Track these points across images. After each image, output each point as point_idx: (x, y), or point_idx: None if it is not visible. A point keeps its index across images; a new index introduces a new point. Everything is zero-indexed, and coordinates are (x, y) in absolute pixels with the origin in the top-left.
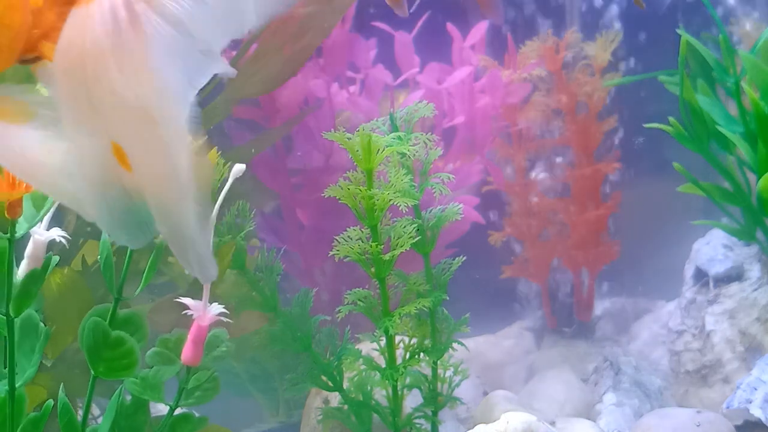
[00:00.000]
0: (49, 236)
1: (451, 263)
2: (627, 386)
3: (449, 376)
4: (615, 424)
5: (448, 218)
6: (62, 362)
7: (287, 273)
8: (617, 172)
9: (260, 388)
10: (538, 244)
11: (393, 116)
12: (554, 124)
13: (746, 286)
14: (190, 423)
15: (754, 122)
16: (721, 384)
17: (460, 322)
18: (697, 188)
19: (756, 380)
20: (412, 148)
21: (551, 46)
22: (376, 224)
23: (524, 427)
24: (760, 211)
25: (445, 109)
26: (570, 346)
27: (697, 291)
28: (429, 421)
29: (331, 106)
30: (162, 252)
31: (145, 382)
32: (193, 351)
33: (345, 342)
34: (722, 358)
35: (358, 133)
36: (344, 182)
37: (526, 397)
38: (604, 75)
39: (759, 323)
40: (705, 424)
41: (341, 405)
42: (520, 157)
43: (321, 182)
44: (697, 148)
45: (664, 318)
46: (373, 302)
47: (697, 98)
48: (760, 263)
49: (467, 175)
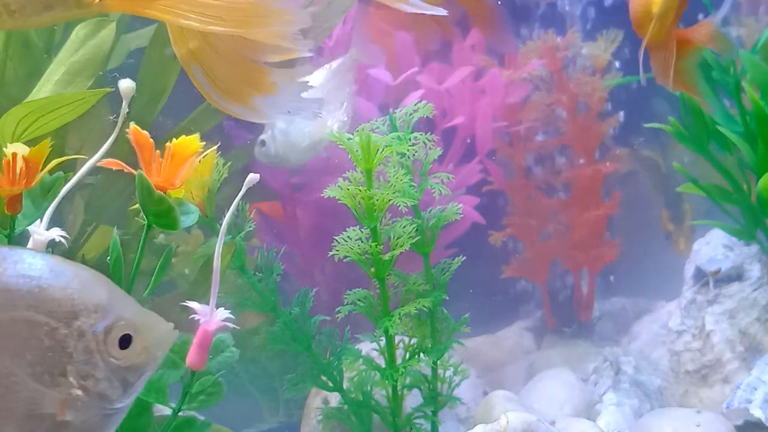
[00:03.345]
0: (48, 236)
1: (450, 263)
2: (627, 386)
3: (449, 376)
4: (615, 424)
5: (447, 218)
6: None
7: (287, 273)
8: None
9: (260, 388)
10: (538, 244)
11: (392, 116)
12: (554, 124)
13: (746, 286)
14: (193, 427)
15: (754, 122)
16: (721, 384)
17: (460, 322)
18: (697, 188)
19: (756, 380)
20: (411, 148)
21: (551, 46)
22: (376, 224)
23: (524, 427)
24: (760, 211)
25: (445, 108)
26: (570, 346)
27: (697, 291)
28: (429, 421)
29: None
30: (171, 254)
31: (150, 385)
32: (198, 355)
33: (345, 342)
34: (722, 358)
35: (357, 133)
36: (344, 182)
37: (526, 397)
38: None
39: (759, 323)
40: (705, 424)
41: (341, 405)
42: (520, 157)
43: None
44: (697, 148)
45: (664, 318)
46: (373, 302)
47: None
48: (760, 263)
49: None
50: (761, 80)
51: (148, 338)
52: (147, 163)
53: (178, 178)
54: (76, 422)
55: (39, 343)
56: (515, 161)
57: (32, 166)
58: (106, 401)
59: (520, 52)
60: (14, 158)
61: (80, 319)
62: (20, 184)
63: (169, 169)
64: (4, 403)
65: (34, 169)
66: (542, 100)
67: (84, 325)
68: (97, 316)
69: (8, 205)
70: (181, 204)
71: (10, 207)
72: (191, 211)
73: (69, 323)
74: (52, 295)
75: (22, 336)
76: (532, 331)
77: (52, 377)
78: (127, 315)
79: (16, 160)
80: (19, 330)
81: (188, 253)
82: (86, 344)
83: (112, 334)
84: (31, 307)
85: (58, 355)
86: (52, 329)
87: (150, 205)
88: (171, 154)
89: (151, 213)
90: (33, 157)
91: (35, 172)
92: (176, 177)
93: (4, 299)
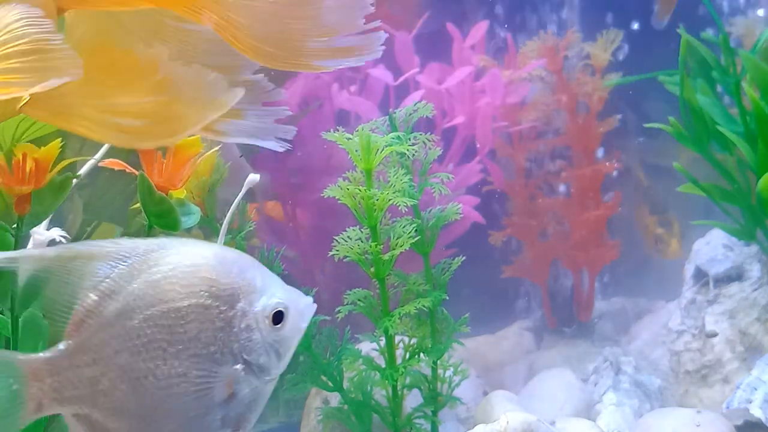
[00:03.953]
0: (49, 236)
1: (450, 263)
2: (627, 386)
3: (449, 376)
4: (615, 424)
5: (447, 218)
6: None
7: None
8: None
9: None
10: (538, 244)
11: (392, 116)
12: (554, 124)
13: (746, 286)
14: None
15: (754, 122)
16: (720, 384)
17: (460, 322)
18: (697, 188)
19: (756, 380)
20: (411, 147)
21: (551, 46)
22: (376, 224)
23: (524, 427)
24: (760, 211)
25: (445, 108)
26: (570, 346)
27: (697, 291)
28: (429, 421)
29: (331, 106)
30: None
31: None
32: None
33: (345, 342)
34: (722, 358)
35: (357, 133)
36: (344, 182)
37: (526, 397)
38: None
39: (759, 323)
40: (705, 424)
41: (341, 405)
42: (520, 157)
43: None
44: (697, 148)
45: (664, 318)
46: (373, 302)
47: (697, 98)
48: (760, 263)
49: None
50: (761, 80)
51: (294, 312)
52: (149, 163)
53: (179, 178)
54: (240, 395)
55: (211, 325)
56: (515, 161)
57: (42, 166)
58: (265, 373)
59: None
60: (24, 158)
61: (242, 300)
62: (30, 183)
63: (170, 169)
64: (186, 382)
65: (43, 169)
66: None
67: (245, 305)
68: (255, 296)
69: (17, 204)
70: (182, 204)
71: (18, 207)
72: (193, 211)
73: (233, 305)
74: (219, 281)
75: (198, 320)
76: (532, 331)
77: (222, 355)
78: (278, 294)
79: (26, 160)
80: (197, 315)
81: None
82: (248, 323)
83: (267, 311)
84: (205, 293)
85: (226, 334)
86: (221, 311)
87: (151, 205)
88: (172, 154)
89: (152, 213)
90: (43, 157)
91: (45, 173)
92: (178, 177)
93: (183, 288)
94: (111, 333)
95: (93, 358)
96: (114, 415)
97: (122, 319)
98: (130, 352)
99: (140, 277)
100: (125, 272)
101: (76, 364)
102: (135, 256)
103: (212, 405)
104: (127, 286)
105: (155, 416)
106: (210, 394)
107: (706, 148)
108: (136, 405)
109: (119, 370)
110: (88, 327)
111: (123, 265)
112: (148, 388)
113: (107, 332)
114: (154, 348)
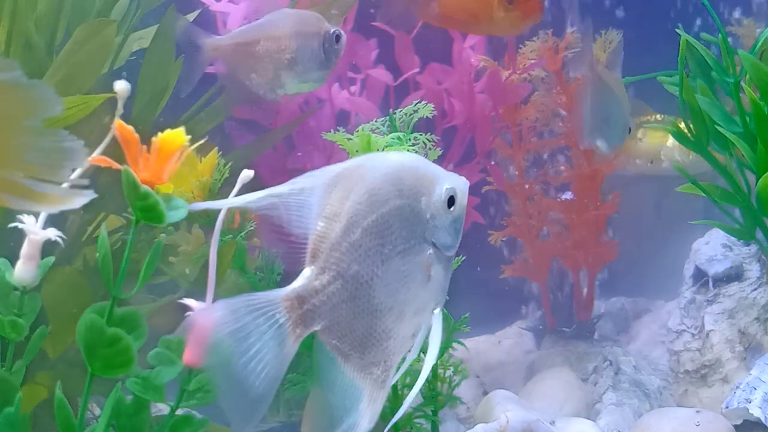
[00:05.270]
0: (44, 236)
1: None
2: (627, 386)
3: (449, 376)
4: (615, 424)
5: None
6: (63, 361)
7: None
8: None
9: None
10: (537, 244)
11: (392, 117)
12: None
13: (745, 286)
14: (191, 424)
15: (754, 122)
16: (720, 384)
17: (460, 322)
18: (697, 188)
19: (755, 380)
20: (411, 148)
21: (551, 46)
22: None
23: (524, 427)
24: (759, 211)
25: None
26: (570, 346)
27: (696, 291)
28: (429, 420)
29: (332, 107)
30: (160, 251)
31: (147, 382)
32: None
33: None
34: (721, 357)
35: (357, 133)
36: None
37: (526, 397)
38: None
39: (758, 323)
40: (704, 424)
41: None
42: (520, 157)
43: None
44: (697, 148)
45: (663, 318)
46: None
47: (696, 98)
48: (760, 263)
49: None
50: (761, 80)
51: (460, 194)
52: (133, 158)
53: (165, 172)
54: (434, 273)
55: (407, 221)
56: (515, 161)
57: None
58: (448, 249)
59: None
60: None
61: (425, 194)
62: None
63: (155, 163)
64: (400, 276)
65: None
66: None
67: (427, 197)
68: (434, 180)
69: None
70: (169, 199)
71: None
72: (180, 206)
73: (419, 199)
74: (406, 181)
75: (399, 219)
76: (532, 331)
77: (419, 245)
78: (447, 180)
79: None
80: (397, 215)
81: (189, 252)
82: (432, 211)
83: (443, 197)
84: (399, 194)
85: (418, 225)
86: (412, 208)
87: (136, 199)
88: (157, 148)
89: (137, 207)
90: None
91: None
92: (163, 171)
93: (382, 195)
94: (341, 250)
95: (332, 275)
96: (353, 319)
97: (346, 235)
98: (357, 262)
99: (350, 197)
100: (339, 195)
101: (322, 285)
102: (342, 178)
103: (421, 290)
104: (343, 207)
105: (381, 313)
106: (418, 280)
107: (706, 148)
108: (367, 306)
109: (352, 279)
110: (323, 251)
111: (336, 190)
112: (374, 288)
113: (338, 250)
114: (373, 254)
